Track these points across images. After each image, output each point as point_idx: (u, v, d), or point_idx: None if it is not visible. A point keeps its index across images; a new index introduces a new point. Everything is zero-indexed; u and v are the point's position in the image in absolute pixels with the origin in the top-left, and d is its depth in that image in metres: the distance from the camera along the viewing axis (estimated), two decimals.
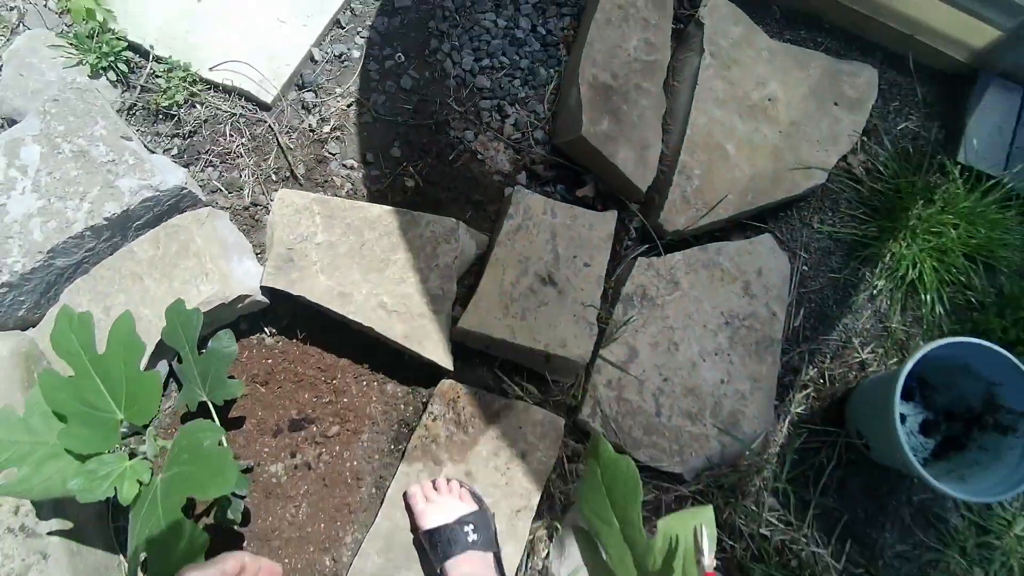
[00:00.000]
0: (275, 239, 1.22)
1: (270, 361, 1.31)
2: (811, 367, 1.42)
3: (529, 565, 1.29)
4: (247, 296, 1.21)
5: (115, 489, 0.82)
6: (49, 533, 1.07)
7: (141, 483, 0.85)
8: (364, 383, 1.33)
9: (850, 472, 1.39)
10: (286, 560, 1.24)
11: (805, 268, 1.46)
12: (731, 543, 1.31)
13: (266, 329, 1.32)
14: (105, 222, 1.17)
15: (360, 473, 1.29)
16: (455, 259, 1.24)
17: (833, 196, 1.52)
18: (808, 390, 1.41)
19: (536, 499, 1.24)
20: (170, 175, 1.23)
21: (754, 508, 1.31)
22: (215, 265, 1.19)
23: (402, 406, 1.32)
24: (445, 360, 1.23)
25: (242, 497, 1.11)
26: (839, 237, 1.49)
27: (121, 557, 1.22)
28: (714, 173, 1.38)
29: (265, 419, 1.29)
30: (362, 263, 1.23)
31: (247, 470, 1.26)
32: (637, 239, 1.43)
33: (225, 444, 1.02)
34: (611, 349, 1.30)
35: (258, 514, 1.25)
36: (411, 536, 1.20)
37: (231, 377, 1.17)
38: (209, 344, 1.14)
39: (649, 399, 1.29)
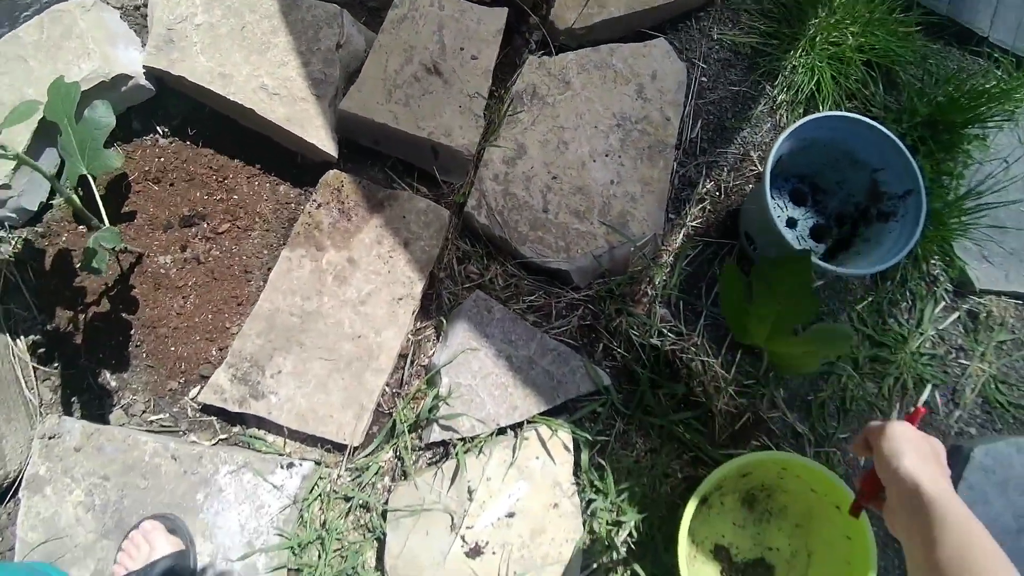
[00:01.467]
0: (155, 19, 1.22)
1: (163, 160, 1.32)
2: (708, 180, 1.42)
3: (415, 361, 1.30)
4: (130, 78, 1.21)
5: None
6: None
7: None
8: (256, 183, 1.33)
9: None
10: (172, 348, 1.26)
11: (703, 80, 1.46)
12: (622, 352, 1.31)
13: (159, 129, 1.33)
14: None
15: (249, 267, 1.30)
16: (337, 44, 1.25)
17: (733, 7, 1.50)
18: (704, 203, 1.41)
19: (419, 288, 1.25)
20: None
21: (645, 317, 1.31)
22: (98, 47, 1.20)
23: (293, 205, 1.33)
24: (328, 145, 1.23)
25: (119, 252, 1.12)
26: (738, 49, 1.48)
27: (8, 338, 1.24)
28: None
29: (156, 215, 1.30)
30: (243, 45, 1.23)
31: (138, 259, 1.27)
32: (538, 49, 1.43)
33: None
34: (499, 144, 1.30)
35: (146, 304, 1.27)
36: (292, 319, 1.21)
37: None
38: (84, 114, 1.15)
39: (536, 195, 1.30)
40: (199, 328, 1.26)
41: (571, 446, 1.25)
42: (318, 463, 1.23)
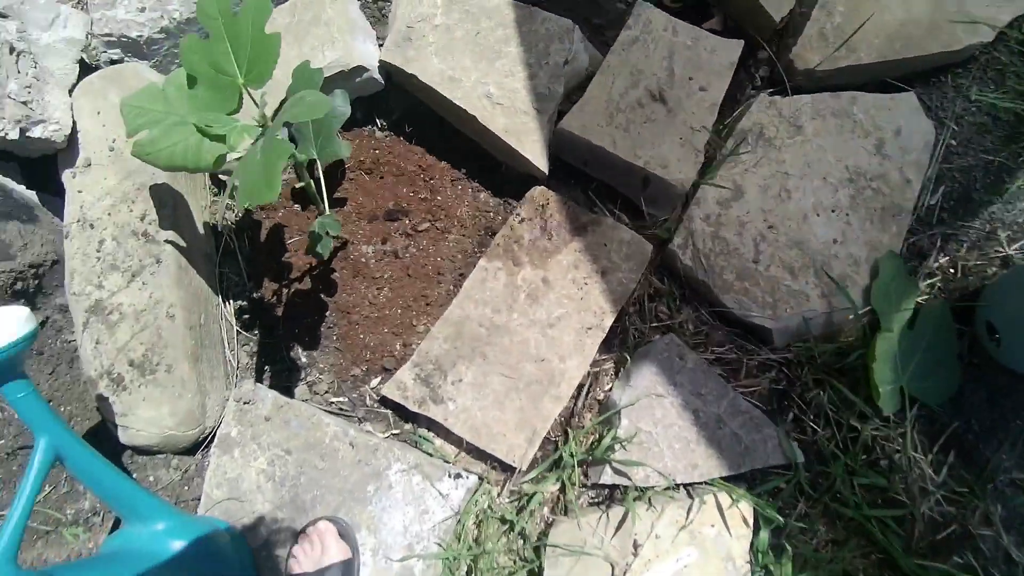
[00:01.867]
0: (397, 16, 1.26)
1: (377, 152, 1.36)
2: (942, 254, 1.26)
3: (590, 395, 1.26)
4: (365, 70, 1.26)
5: (225, 140, 0.88)
6: (166, 241, 1.19)
7: (251, 140, 0.91)
8: (459, 187, 1.35)
9: (970, 375, 1.22)
10: (361, 335, 1.29)
11: (953, 142, 1.30)
12: (815, 427, 1.20)
13: (378, 121, 1.37)
14: None
15: (442, 269, 1.31)
16: (566, 61, 1.22)
17: (999, 66, 1.32)
18: (935, 279, 1.25)
19: (609, 321, 1.20)
20: None
21: (849, 394, 1.19)
22: (341, 37, 1.25)
23: (491, 214, 1.33)
24: (540, 161, 1.21)
25: (333, 237, 1.17)
26: (998, 114, 1.30)
27: (220, 299, 1.33)
28: (860, 11, 1.25)
29: (364, 205, 1.35)
30: (475, 51, 1.24)
31: (343, 244, 1.32)
32: (764, 86, 1.34)
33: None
34: (716, 183, 1.23)
35: (344, 289, 1.31)
36: (480, 329, 1.21)
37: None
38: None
39: (748, 243, 1.21)
40: (388, 321, 1.29)
41: (751, 520, 1.15)
42: (481, 479, 1.21)
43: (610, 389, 1.26)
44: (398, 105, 1.36)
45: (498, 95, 1.22)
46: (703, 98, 1.23)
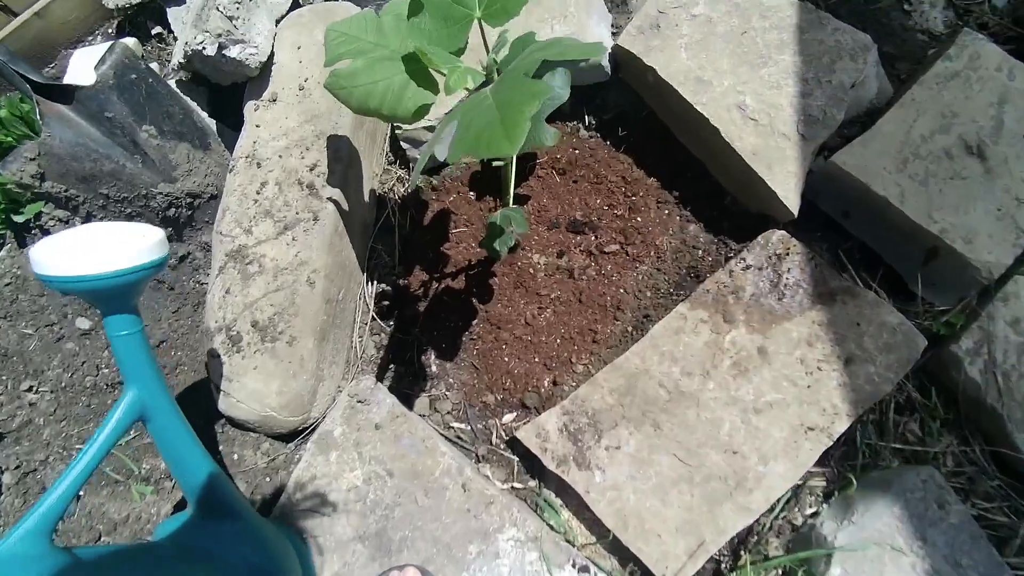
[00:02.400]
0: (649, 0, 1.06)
1: (576, 152, 1.16)
2: None
3: (784, 515, 0.93)
4: None
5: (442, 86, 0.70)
6: (329, 199, 1.05)
7: (467, 89, 0.73)
8: (665, 212, 1.10)
9: None
10: (505, 358, 1.07)
11: None
12: None
13: (587, 118, 1.17)
14: None
15: (622, 304, 1.06)
16: (853, 84, 0.95)
17: None
18: None
19: (841, 426, 0.88)
20: None
21: None
22: (577, 13, 1.07)
23: (700, 252, 1.06)
24: (790, 198, 0.94)
25: (514, 234, 0.96)
26: None
27: (364, 277, 1.16)
28: None
29: (547, 208, 1.14)
30: (736, 52, 1.00)
31: (513, 247, 1.11)
32: None
33: None
34: None
35: (500, 298, 1.10)
36: (659, 390, 0.93)
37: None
38: (543, 78, 1.01)
39: None
40: (542, 349, 1.06)
41: None
42: None
43: (814, 514, 0.92)
44: (615, 104, 1.15)
45: (754, 108, 0.97)
46: None
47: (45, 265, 0.67)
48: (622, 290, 1.06)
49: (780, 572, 0.89)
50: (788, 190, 0.94)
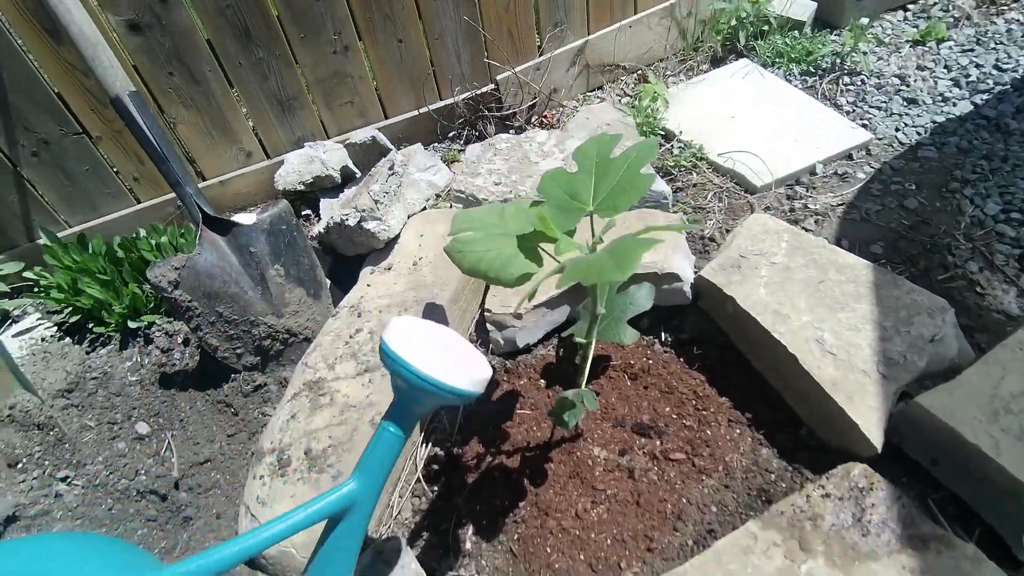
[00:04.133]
0: (733, 245, 1.21)
1: (650, 362, 1.21)
2: None
3: None
4: (677, 279, 1.19)
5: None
6: None
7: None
8: (736, 431, 1.09)
9: None
10: (547, 550, 0.99)
11: None
12: None
13: (663, 335, 1.25)
14: None
15: (684, 515, 0.99)
16: (933, 338, 0.99)
17: None
18: None
19: None
20: (659, 185, 1.40)
21: None
22: (666, 249, 1.23)
23: (772, 476, 1.01)
24: (873, 432, 0.92)
25: (585, 408, 0.97)
26: None
27: (421, 437, 1.17)
28: None
29: (615, 407, 1.16)
30: (813, 295, 1.09)
31: (573, 436, 1.11)
32: None
33: None
34: None
35: (553, 484, 1.06)
36: None
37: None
38: (629, 288, 1.13)
39: None
40: (589, 547, 0.97)
41: None
42: None
43: None
44: (692, 327, 1.24)
45: (833, 344, 1.02)
46: None
47: (404, 349, 0.70)
48: (685, 499, 1.01)
49: None
50: (870, 423, 0.93)
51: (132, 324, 1.35)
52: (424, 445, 1.16)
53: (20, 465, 1.17)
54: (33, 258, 1.50)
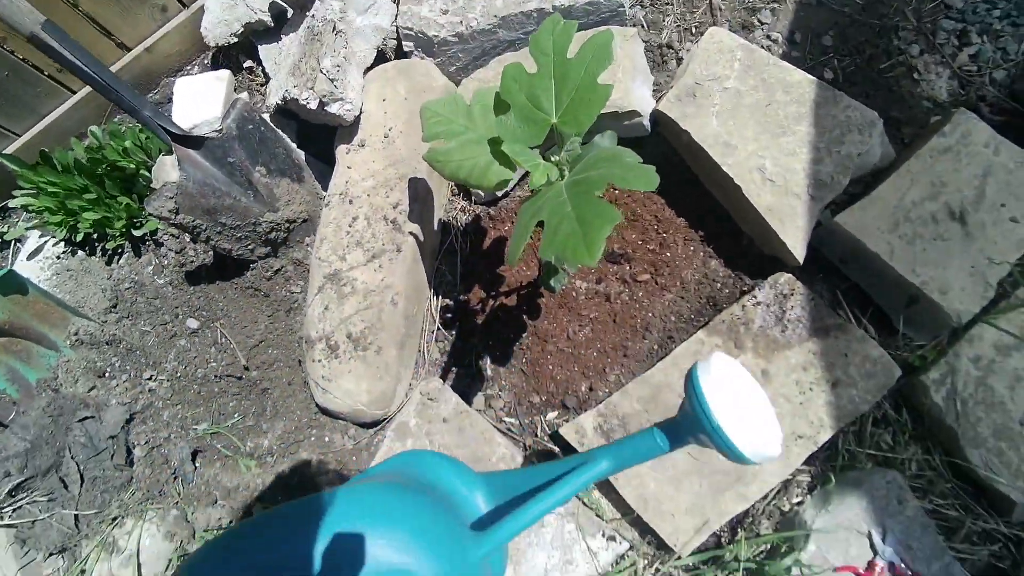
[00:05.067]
0: (688, 70, 1.25)
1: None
2: None
3: (775, 502, 1.17)
4: (637, 115, 1.27)
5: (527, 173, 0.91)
6: (410, 232, 1.27)
7: (549, 179, 0.93)
8: (691, 248, 1.31)
9: None
10: (550, 366, 1.30)
11: None
12: None
13: None
14: (552, 10, 1.32)
15: (650, 326, 1.29)
16: (859, 155, 1.15)
17: None
18: None
19: (825, 437, 1.10)
20: None
21: None
22: (624, 78, 1.27)
23: (719, 285, 1.28)
24: (798, 249, 1.15)
25: (569, 273, 1.18)
26: None
27: (431, 292, 1.40)
28: None
29: None
30: (760, 121, 1.20)
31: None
32: None
33: None
34: (1001, 326, 1.09)
35: (547, 316, 1.33)
36: (678, 400, 1.16)
37: None
38: (593, 141, 1.22)
39: (1021, 401, 1.06)
40: (581, 360, 1.29)
41: None
42: (632, 547, 1.17)
43: (799, 503, 1.16)
44: (652, 153, 1.36)
45: (772, 171, 1.17)
46: (1013, 230, 1.10)
47: (713, 399, 0.70)
48: (650, 314, 1.29)
49: (768, 547, 1.12)
50: (796, 241, 1.15)
51: (136, 233, 1.45)
52: (436, 297, 1.39)
53: (108, 374, 1.42)
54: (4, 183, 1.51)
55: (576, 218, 0.78)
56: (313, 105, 1.27)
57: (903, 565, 1.03)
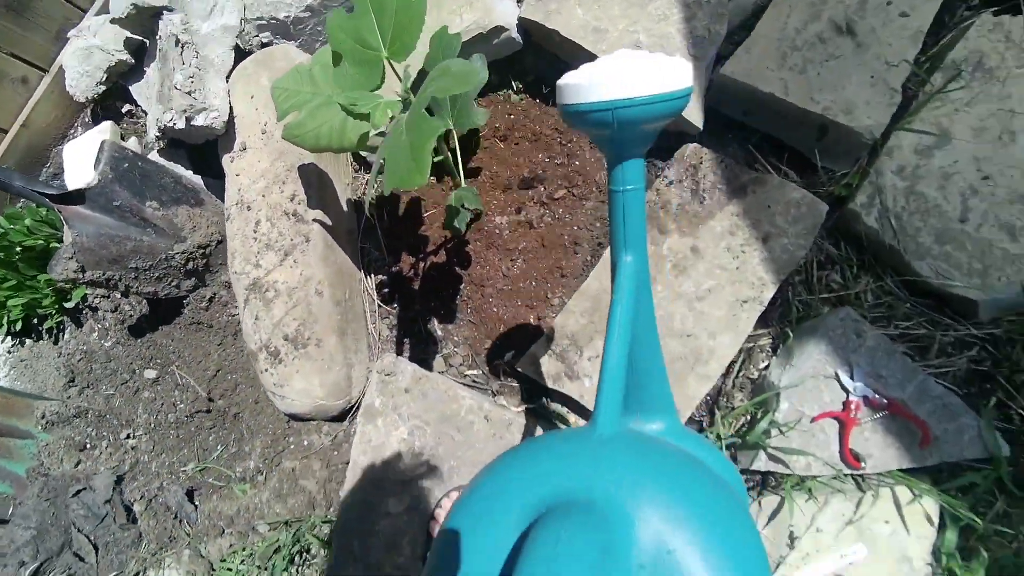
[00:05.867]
0: None
1: (512, 117, 1.33)
2: None
3: (742, 373, 1.15)
4: (504, 30, 1.22)
5: (369, 115, 0.89)
6: (313, 220, 1.26)
7: (392, 116, 0.91)
8: (598, 151, 1.27)
9: None
10: (495, 309, 1.28)
11: None
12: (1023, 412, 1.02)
13: (514, 84, 1.33)
14: None
15: (578, 239, 1.26)
16: None
17: None
18: None
19: (769, 293, 1.08)
20: None
21: None
22: None
23: None
24: (694, 115, 1.11)
25: (469, 211, 1.16)
26: None
27: (363, 274, 1.38)
28: None
29: (499, 173, 1.32)
30: None
31: (477, 216, 1.31)
32: (982, 4, 1.11)
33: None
34: (914, 128, 1.04)
35: (477, 261, 1.31)
36: None
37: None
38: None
39: (954, 199, 1.02)
40: (522, 294, 1.27)
41: (936, 519, 1.01)
42: None
43: (766, 367, 1.14)
44: (535, 66, 1.31)
45: (648, 43, 1.12)
46: (904, 25, 1.04)
47: (582, 92, 0.58)
48: (576, 227, 1.26)
49: (748, 418, 1.11)
50: (691, 108, 1.11)
51: (68, 305, 1.46)
52: (368, 277, 1.38)
53: (88, 446, 1.44)
54: None
55: (409, 144, 0.76)
56: (181, 124, 1.25)
57: (877, 396, 1.01)
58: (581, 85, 0.59)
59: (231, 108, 1.31)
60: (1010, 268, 0.99)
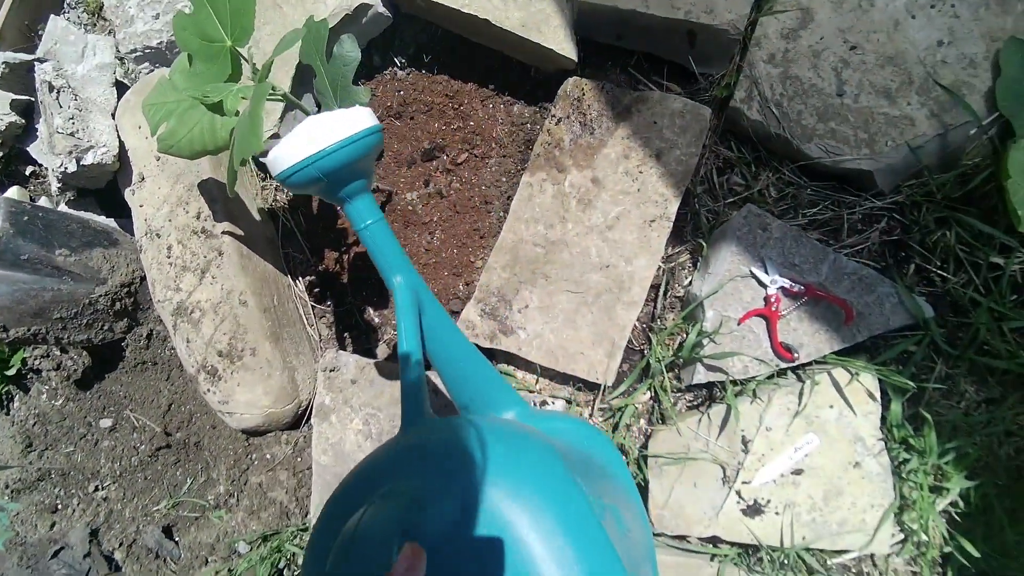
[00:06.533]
0: None
1: (402, 93, 1.33)
2: None
3: (669, 293, 1.16)
4: (369, 7, 1.22)
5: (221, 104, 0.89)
6: (223, 232, 1.26)
7: (244, 98, 0.91)
8: (490, 105, 1.28)
9: None
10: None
11: None
12: (942, 274, 1.04)
13: (396, 60, 1.34)
14: None
15: (489, 197, 1.27)
16: None
17: None
18: None
19: (673, 208, 1.09)
20: None
21: (982, 225, 0.99)
22: None
23: (529, 125, 1.25)
24: (567, 48, 1.12)
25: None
26: None
27: (290, 279, 1.39)
28: None
29: (400, 151, 1.33)
30: None
31: (388, 197, 1.32)
32: None
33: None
34: (775, 12, 1.06)
35: (398, 240, 1.31)
36: (536, 249, 1.15)
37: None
38: (333, 51, 1.18)
39: (828, 75, 1.03)
40: (446, 263, 1.28)
41: (877, 394, 1.03)
42: (569, 402, 1.19)
43: (689, 283, 1.15)
44: (413, 37, 1.32)
45: None
46: None
47: (285, 158, 0.78)
48: (483, 187, 1.27)
49: (683, 337, 1.12)
50: (561, 43, 1.12)
51: (10, 373, 1.46)
52: (297, 281, 1.38)
53: (60, 506, 1.45)
54: None
55: (249, 113, 0.77)
56: (72, 167, 1.25)
57: (793, 284, 1.03)
58: (280, 155, 0.77)
59: (121, 142, 1.31)
60: (894, 131, 1.01)
